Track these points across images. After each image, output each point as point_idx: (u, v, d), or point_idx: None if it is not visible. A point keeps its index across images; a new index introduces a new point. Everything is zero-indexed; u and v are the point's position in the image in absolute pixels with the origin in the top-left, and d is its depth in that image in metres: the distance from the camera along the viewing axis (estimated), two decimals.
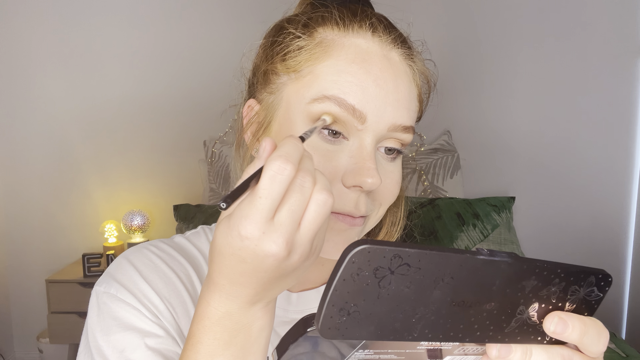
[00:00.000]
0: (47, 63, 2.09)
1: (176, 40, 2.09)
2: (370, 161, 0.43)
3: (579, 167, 2.08)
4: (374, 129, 0.44)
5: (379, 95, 0.43)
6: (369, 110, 0.43)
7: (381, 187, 0.46)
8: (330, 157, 0.44)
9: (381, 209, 0.48)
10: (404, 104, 0.45)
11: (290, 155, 0.31)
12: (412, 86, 0.47)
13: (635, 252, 2.09)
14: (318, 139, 0.44)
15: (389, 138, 0.46)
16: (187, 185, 2.16)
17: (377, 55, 0.45)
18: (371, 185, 0.42)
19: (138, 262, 0.50)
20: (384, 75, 0.44)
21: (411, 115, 0.46)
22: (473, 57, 2.07)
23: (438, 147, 2.00)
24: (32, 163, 2.13)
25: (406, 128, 0.45)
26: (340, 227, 0.45)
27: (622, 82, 2.02)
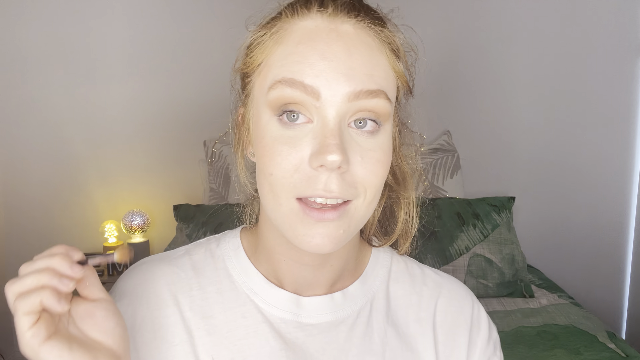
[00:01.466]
0: (47, 63, 2.09)
1: (176, 40, 2.09)
2: (331, 137, 0.41)
3: (579, 167, 2.08)
4: (332, 102, 0.42)
5: (328, 67, 0.42)
6: (320, 85, 0.41)
7: (358, 168, 0.43)
8: (294, 143, 0.42)
9: (368, 193, 0.44)
10: (362, 70, 0.42)
11: None
12: (376, 53, 0.44)
13: (635, 252, 2.09)
14: (279, 128, 0.43)
15: (357, 111, 0.43)
16: (187, 185, 2.16)
17: (324, 30, 0.43)
18: (332, 163, 0.40)
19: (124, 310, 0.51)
20: (331, 49, 0.42)
21: (376, 80, 0.43)
22: (473, 57, 2.07)
23: (438, 147, 2.00)
24: (32, 163, 2.13)
25: (371, 92, 0.42)
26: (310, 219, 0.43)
27: (622, 82, 2.03)
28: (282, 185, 0.43)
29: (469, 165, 2.08)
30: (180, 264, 0.55)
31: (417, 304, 0.56)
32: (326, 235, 0.43)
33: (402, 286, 0.57)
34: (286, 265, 0.52)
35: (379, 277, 0.57)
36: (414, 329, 0.54)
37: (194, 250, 0.57)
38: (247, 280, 0.53)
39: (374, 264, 0.58)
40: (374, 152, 0.44)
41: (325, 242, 0.43)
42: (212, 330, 0.51)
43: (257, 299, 0.52)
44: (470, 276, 1.60)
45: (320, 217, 0.43)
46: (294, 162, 0.42)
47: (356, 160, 0.43)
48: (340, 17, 0.44)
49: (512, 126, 2.09)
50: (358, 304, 0.54)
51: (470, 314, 0.57)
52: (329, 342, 0.51)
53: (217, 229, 1.67)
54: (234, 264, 0.54)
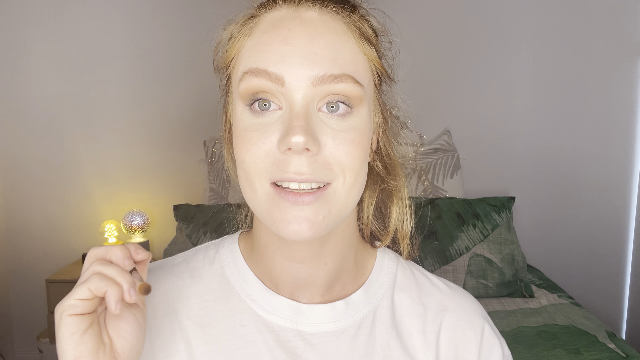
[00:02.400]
0: (47, 63, 2.09)
1: (177, 40, 2.09)
2: (296, 120, 0.41)
3: (579, 167, 2.08)
4: (297, 87, 0.42)
5: (291, 53, 0.42)
6: (284, 71, 0.42)
7: (330, 149, 0.42)
8: (264, 130, 0.43)
9: (347, 175, 0.44)
10: (325, 54, 0.42)
11: None
12: (342, 37, 0.44)
13: (635, 252, 2.09)
14: (250, 116, 0.44)
15: (325, 95, 0.43)
16: (187, 185, 2.16)
17: (288, 18, 0.44)
18: (296, 145, 0.40)
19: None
20: (294, 35, 0.43)
21: (340, 64, 0.43)
22: (473, 57, 2.07)
23: (438, 147, 2.00)
24: (32, 163, 2.13)
25: (336, 77, 0.42)
26: (286, 202, 0.43)
27: (622, 82, 2.03)
28: (255, 171, 0.43)
29: (469, 165, 2.08)
30: (178, 272, 0.54)
31: (423, 315, 0.54)
32: (304, 219, 0.42)
33: (408, 295, 0.55)
34: (280, 265, 0.51)
35: (383, 286, 0.55)
36: (417, 340, 0.52)
37: (193, 257, 0.56)
38: (245, 287, 0.52)
39: (379, 270, 0.56)
40: (346, 132, 0.43)
41: (304, 228, 0.42)
42: (210, 340, 0.50)
43: (255, 307, 0.51)
44: (470, 276, 1.60)
45: (296, 199, 0.42)
46: (264, 147, 0.43)
47: (328, 142, 0.43)
48: (305, 5, 0.45)
49: (512, 126, 2.09)
50: (361, 313, 0.52)
51: (482, 330, 0.54)
52: (329, 352, 0.50)
53: (217, 229, 1.67)
54: (232, 271, 0.54)
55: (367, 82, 0.46)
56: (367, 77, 0.46)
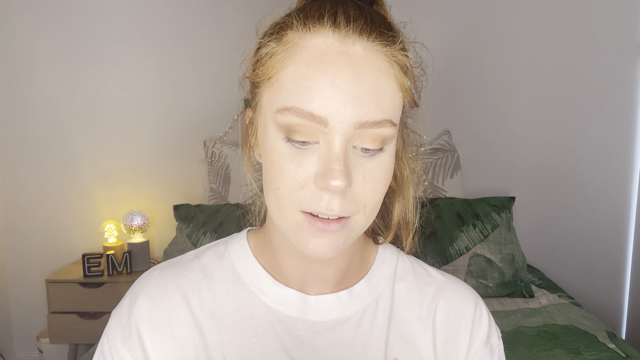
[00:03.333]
0: (47, 63, 2.09)
1: (176, 39, 2.09)
2: (336, 163, 0.42)
3: (579, 167, 2.08)
4: (339, 130, 0.43)
5: (337, 95, 0.42)
6: (328, 113, 0.42)
7: (359, 187, 0.45)
8: (301, 162, 0.44)
9: (368, 208, 0.47)
10: (369, 99, 0.43)
11: None
12: (384, 77, 0.44)
13: (635, 252, 2.09)
14: (286, 146, 0.44)
15: (363, 136, 0.44)
16: (187, 185, 2.16)
17: (335, 53, 0.43)
18: (336, 188, 0.42)
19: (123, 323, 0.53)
20: (341, 75, 0.42)
21: (383, 108, 0.44)
22: (473, 57, 2.07)
23: (438, 147, 2.00)
24: (32, 163, 2.13)
25: (377, 123, 0.43)
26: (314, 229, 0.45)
27: (622, 82, 2.03)
28: (287, 200, 0.45)
29: (469, 165, 2.08)
30: (189, 268, 0.56)
31: (419, 302, 0.57)
32: (328, 244, 0.46)
33: (406, 284, 0.58)
34: (292, 263, 0.54)
35: (385, 276, 0.58)
36: (414, 326, 0.55)
37: (203, 254, 0.58)
38: (255, 280, 0.55)
39: (380, 263, 0.59)
40: (375, 171, 0.45)
41: (327, 250, 0.46)
42: (222, 330, 0.53)
43: (265, 298, 0.54)
44: (470, 276, 1.60)
45: (324, 227, 0.45)
46: (300, 180, 0.44)
47: (358, 179, 0.45)
48: (352, 37, 0.44)
49: (512, 126, 2.09)
50: (364, 302, 0.55)
51: (472, 315, 0.57)
52: (335, 338, 0.53)
53: (217, 229, 1.67)
54: (242, 265, 0.56)
55: (398, 119, 0.47)
56: (399, 114, 0.47)
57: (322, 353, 0.52)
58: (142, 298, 0.54)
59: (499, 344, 0.58)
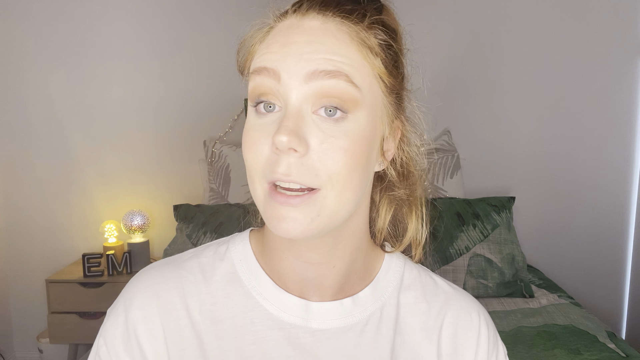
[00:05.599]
0: (47, 63, 2.09)
1: (176, 39, 2.09)
2: (286, 120, 0.43)
3: (579, 167, 2.08)
4: (291, 85, 0.44)
5: (288, 53, 0.44)
6: (280, 67, 0.44)
7: (318, 153, 0.43)
8: (264, 130, 0.45)
9: (335, 183, 0.44)
10: (320, 55, 0.44)
11: None
12: (342, 45, 0.45)
13: (635, 252, 2.09)
14: (255, 117, 0.46)
15: (320, 96, 0.44)
16: (187, 185, 2.16)
17: (291, 27, 0.46)
18: (280, 144, 0.41)
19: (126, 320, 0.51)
20: (293, 40, 0.45)
21: (335, 63, 0.44)
22: (473, 57, 2.07)
23: (438, 147, 2.00)
24: (32, 163, 2.13)
25: (328, 72, 0.43)
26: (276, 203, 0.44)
27: (622, 82, 2.03)
28: (254, 170, 0.46)
29: (469, 165, 2.08)
30: (188, 267, 0.54)
31: (426, 313, 0.55)
32: (292, 219, 0.44)
33: (413, 294, 0.56)
34: (288, 263, 0.52)
35: (391, 284, 0.56)
36: (420, 337, 0.54)
37: (203, 253, 0.56)
38: (256, 285, 0.53)
39: (386, 270, 0.57)
40: (336, 138, 0.44)
41: (291, 227, 0.44)
42: (221, 335, 0.51)
43: (266, 304, 0.52)
44: (470, 276, 1.60)
45: (284, 200, 0.44)
46: (262, 147, 0.45)
47: (316, 145, 0.43)
48: (310, 15, 0.46)
49: (512, 126, 2.09)
50: (368, 310, 0.54)
51: (478, 330, 0.56)
52: (337, 347, 0.51)
53: (217, 229, 1.67)
54: (243, 268, 0.54)
55: (368, 88, 0.46)
56: (367, 82, 0.46)
57: None
58: (139, 299, 0.51)
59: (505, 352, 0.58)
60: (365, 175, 0.48)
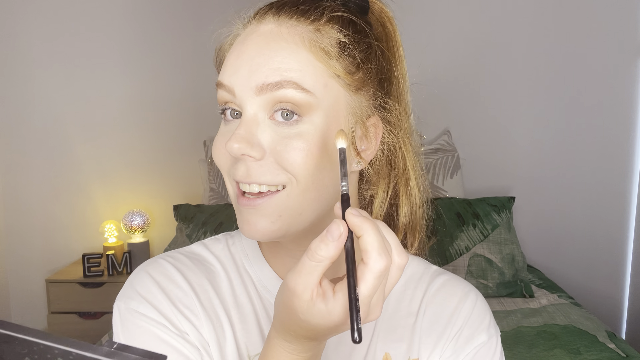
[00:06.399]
0: (47, 63, 2.09)
1: (176, 39, 2.09)
2: (238, 128, 0.45)
3: (579, 167, 2.08)
4: (244, 97, 0.46)
5: (240, 66, 0.46)
6: (233, 82, 0.46)
7: (275, 155, 0.45)
8: (226, 135, 0.48)
9: (297, 181, 0.45)
10: (267, 64, 0.45)
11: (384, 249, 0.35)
12: (293, 48, 0.45)
13: (635, 252, 2.09)
14: (222, 125, 0.50)
15: (274, 103, 0.45)
16: (187, 185, 2.16)
17: (249, 34, 0.48)
18: (230, 150, 0.44)
19: (156, 274, 0.52)
20: (245, 48, 0.47)
21: (282, 72, 0.44)
22: (473, 57, 2.07)
23: (438, 147, 2.00)
24: (32, 163, 2.13)
25: (275, 85, 0.44)
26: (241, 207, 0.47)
27: (622, 82, 2.02)
28: (224, 172, 0.49)
29: (469, 165, 2.08)
30: (204, 258, 0.56)
31: (412, 297, 0.56)
32: (254, 223, 0.46)
33: (402, 283, 0.58)
34: (282, 260, 0.54)
35: None
36: (407, 321, 0.55)
37: (213, 247, 0.58)
38: (262, 278, 0.55)
39: None
40: (290, 139, 0.45)
41: (255, 230, 0.46)
42: (243, 319, 0.53)
43: (270, 297, 0.54)
44: (470, 276, 1.60)
45: (246, 202, 0.46)
46: (224, 151, 0.47)
47: (273, 148, 0.45)
48: (267, 19, 0.48)
49: (512, 126, 2.09)
50: None
51: (454, 308, 0.55)
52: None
53: (217, 229, 1.67)
54: (250, 263, 0.56)
55: (323, 89, 0.46)
56: (320, 84, 0.46)
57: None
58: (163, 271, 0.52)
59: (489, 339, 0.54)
60: (325, 175, 0.47)
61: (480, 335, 0.54)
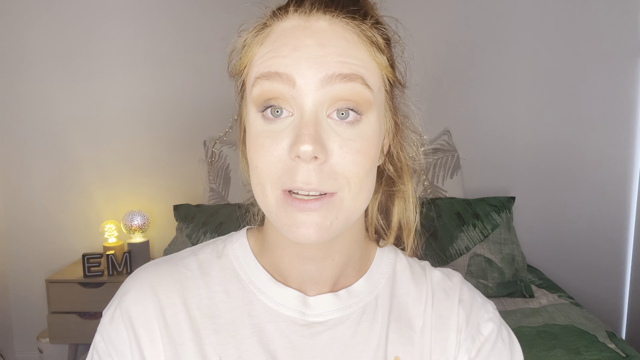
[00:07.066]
0: (47, 63, 2.09)
1: (176, 40, 2.09)
2: (305, 128, 0.42)
3: (579, 167, 2.08)
4: (307, 90, 0.43)
5: (300, 56, 0.43)
6: (294, 72, 0.43)
7: (337, 158, 0.43)
8: (276, 136, 0.44)
9: (352, 184, 0.44)
10: (334, 58, 0.43)
11: None
12: (352, 45, 0.44)
13: (635, 252, 2.09)
14: (262, 123, 0.45)
15: (335, 100, 0.43)
16: (187, 185, 2.16)
17: (299, 28, 0.45)
18: (305, 154, 0.41)
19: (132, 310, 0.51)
20: (303, 43, 0.44)
21: (350, 66, 0.43)
22: (473, 57, 2.07)
23: (438, 147, 2.00)
24: (32, 163, 2.14)
25: (345, 76, 0.43)
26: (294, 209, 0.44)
27: (622, 82, 2.03)
28: (267, 177, 0.45)
29: (469, 165, 2.08)
30: (186, 264, 0.55)
31: (418, 299, 0.56)
32: (312, 224, 0.44)
33: (405, 285, 0.58)
34: (289, 260, 0.53)
35: (384, 275, 0.57)
36: (414, 324, 0.55)
37: (200, 250, 0.57)
38: (254, 280, 0.54)
39: (379, 262, 0.58)
40: (353, 141, 0.44)
41: (311, 232, 0.44)
42: (218, 329, 0.51)
43: (264, 298, 0.53)
44: (470, 276, 1.60)
45: (303, 206, 0.43)
46: (276, 154, 0.44)
47: (334, 149, 0.43)
48: (315, 15, 0.45)
49: (512, 126, 2.09)
50: (364, 301, 0.55)
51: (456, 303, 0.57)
52: (335, 338, 0.52)
53: (217, 229, 1.67)
54: (241, 264, 0.55)
55: (378, 88, 0.46)
56: (377, 83, 0.46)
57: (322, 353, 0.52)
58: (135, 294, 0.52)
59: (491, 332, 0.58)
60: (373, 174, 0.48)
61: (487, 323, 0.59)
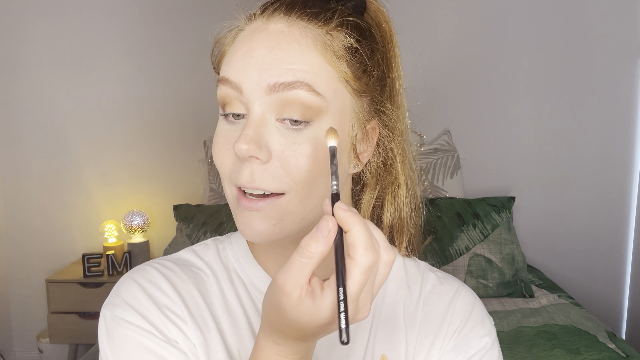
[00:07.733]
0: (47, 63, 2.09)
1: (176, 40, 2.09)
2: (246, 128, 0.43)
3: (579, 167, 2.08)
4: (253, 97, 0.44)
5: (249, 64, 0.44)
6: (242, 79, 0.44)
7: (281, 160, 0.44)
8: (230, 136, 0.46)
9: (298, 188, 0.45)
10: (280, 64, 0.44)
11: (371, 244, 0.35)
12: (305, 50, 0.44)
13: (635, 252, 2.09)
14: (224, 124, 0.47)
15: (284, 105, 0.44)
16: (187, 185, 2.16)
17: (257, 30, 0.46)
18: (239, 151, 0.43)
19: (143, 281, 0.51)
20: (255, 46, 0.45)
21: (296, 73, 0.43)
22: (473, 57, 2.07)
23: (438, 147, 2.00)
24: (32, 163, 2.14)
25: (288, 84, 0.43)
26: (242, 208, 0.46)
27: (622, 82, 2.02)
28: (223, 175, 0.48)
29: (469, 165, 2.08)
30: (193, 264, 0.56)
31: (408, 298, 0.56)
32: (256, 225, 0.46)
33: (396, 282, 0.57)
34: (275, 259, 0.54)
35: None
36: (402, 322, 0.54)
37: (202, 252, 0.57)
38: (254, 280, 0.54)
39: None
40: (299, 145, 0.44)
41: (256, 232, 0.46)
42: (235, 324, 0.52)
43: (260, 297, 0.54)
44: (470, 276, 1.60)
45: (248, 205, 0.45)
46: (227, 152, 0.46)
47: (279, 152, 0.44)
48: (277, 17, 0.46)
49: (512, 126, 2.09)
50: None
51: (447, 307, 0.55)
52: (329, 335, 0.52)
53: (217, 229, 1.67)
54: (242, 266, 0.55)
55: (333, 93, 0.46)
56: (331, 88, 0.45)
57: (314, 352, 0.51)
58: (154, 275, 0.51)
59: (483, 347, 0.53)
60: (326, 181, 0.47)
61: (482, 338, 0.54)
